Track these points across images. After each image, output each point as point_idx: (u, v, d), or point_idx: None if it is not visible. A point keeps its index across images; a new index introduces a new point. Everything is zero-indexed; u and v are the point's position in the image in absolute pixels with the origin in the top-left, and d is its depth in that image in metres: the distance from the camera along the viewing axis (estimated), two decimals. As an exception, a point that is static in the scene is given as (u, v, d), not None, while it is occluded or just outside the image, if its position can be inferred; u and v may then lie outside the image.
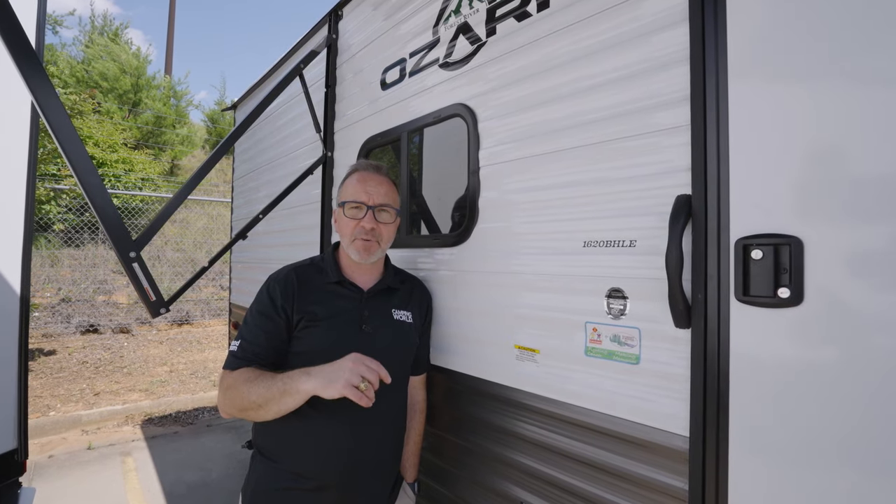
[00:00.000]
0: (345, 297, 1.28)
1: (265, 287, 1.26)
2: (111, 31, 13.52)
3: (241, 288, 3.41)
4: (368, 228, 1.27)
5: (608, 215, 1.06)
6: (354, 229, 1.28)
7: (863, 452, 0.70)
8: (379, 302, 1.33)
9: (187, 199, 3.48)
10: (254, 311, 1.23)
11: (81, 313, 6.72)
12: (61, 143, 1.45)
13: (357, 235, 1.27)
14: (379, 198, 1.30)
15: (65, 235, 7.82)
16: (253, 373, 1.11)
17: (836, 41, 0.74)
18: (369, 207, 1.28)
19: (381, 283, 1.35)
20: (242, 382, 1.08)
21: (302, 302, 1.21)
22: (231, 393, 1.10)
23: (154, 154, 11.65)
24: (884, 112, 0.70)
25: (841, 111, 0.73)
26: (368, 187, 1.29)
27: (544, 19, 1.22)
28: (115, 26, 13.68)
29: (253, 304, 1.25)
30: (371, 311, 1.29)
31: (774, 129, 0.80)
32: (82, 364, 5.62)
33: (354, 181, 1.31)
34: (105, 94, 11.76)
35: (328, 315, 1.23)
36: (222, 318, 7.79)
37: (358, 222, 1.28)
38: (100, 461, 3.55)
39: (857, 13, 0.72)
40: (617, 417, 1.03)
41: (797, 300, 0.76)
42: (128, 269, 1.60)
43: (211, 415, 4.62)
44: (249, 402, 1.06)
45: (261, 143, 3.06)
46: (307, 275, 1.28)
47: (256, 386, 1.06)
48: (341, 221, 1.31)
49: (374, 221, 1.28)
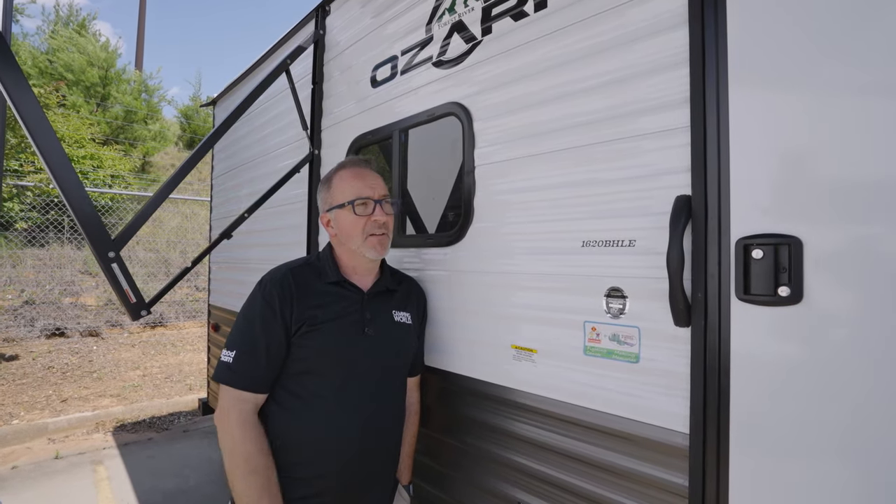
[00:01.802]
0: (346, 299, 1.24)
1: (260, 290, 1.19)
2: (77, 22, 12.95)
3: (221, 289, 3.31)
4: (382, 222, 1.25)
5: (607, 215, 1.07)
6: (366, 226, 1.24)
7: (861, 448, 0.72)
8: (379, 303, 1.30)
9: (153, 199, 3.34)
10: (248, 317, 1.17)
11: (47, 316, 6.41)
12: (34, 137, 1.37)
13: (371, 231, 1.24)
14: (381, 190, 1.28)
15: (28, 234, 7.44)
16: (255, 457, 1.07)
17: (834, 44, 0.76)
18: (376, 201, 1.25)
19: (380, 284, 1.32)
20: (242, 460, 1.06)
21: (301, 305, 1.16)
22: (229, 440, 1.08)
23: (124, 150, 11.21)
24: (882, 116, 0.72)
25: (838, 114, 0.76)
26: (368, 181, 1.27)
27: (542, 19, 1.22)
28: (82, 17, 13.12)
29: (246, 309, 1.19)
30: (373, 314, 1.26)
31: (773, 132, 0.82)
32: (48, 369, 5.36)
33: (350, 178, 1.27)
34: (70, 86, 11.25)
35: (330, 318, 1.19)
36: (198, 319, 7.56)
37: (368, 218, 1.24)
38: (69, 471, 3.39)
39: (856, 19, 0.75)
40: (616, 415, 1.04)
41: (797, 298, 0.78)
42: (106, 270, 1.52)
43: (187, 419, 4.47)
44: (230, 475, 1.06)
45: (242, 140, 2.97)
46: (304, 276, 1.23)
47: (246, 483, 1.05)
48: (347, 222, 1.25)
49: (384, 214, 1.26)
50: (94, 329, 6.54)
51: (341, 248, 1.30)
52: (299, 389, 1.17)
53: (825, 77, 0.77)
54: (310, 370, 1.17)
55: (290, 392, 1.17)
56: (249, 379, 1.12)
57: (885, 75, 0.71)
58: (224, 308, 3.17)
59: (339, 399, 1.18)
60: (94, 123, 10.63)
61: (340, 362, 1.19)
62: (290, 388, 1.17)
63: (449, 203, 1.59)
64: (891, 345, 0.70)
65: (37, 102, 1.39)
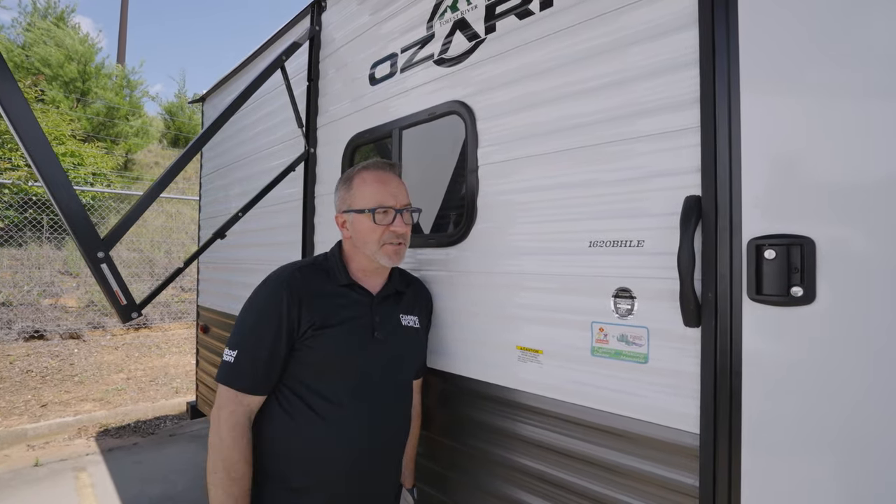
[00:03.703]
0: (355, 302, 1.21)
1: (265, 289, 1.16)
2: (55, 14, 12.58)
3: (210, 290, 3.24)
4: (401, 233, 1.21)
5: (615, 215, 1.07)
6: (383, 235, 1.20)
7: (875, 449, 0.73)
8: (388, 307, 1.27)
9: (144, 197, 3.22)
10: (252, 316, 1.14)
11: (24, 318, 6.21)
12: (20, 133, 1.32)
13: (387, 241, 1.20)
14: (403, 198, 1.23)
15: (4, 234, 7.20)
16: (238, 465, 1.05)
17: (842, 46, 0.77)
18: (397, 211, 1.21)
19: (389, 287, 1.29)
20: (223, 465, 1.04)
21: (310, 308, 1.13)
22: (217, 441, 1.06)
23: (106, 147, 10.92)
24: (890, 118, 0.73)
25: (848, 116, 0.76)
26: (392, 188, 1.22)
27: (547, 18, 1.22)
28: (60, 10, 12.74)
29: (250, 308, 1.15)
30: (382, 317, 1.23)
31: (784, 132, 0.82)
32: (26, 373, 5.19)
33: (373, 182, 1.22)
34: (49, 81, 10.92)
35: (339, 321, 1.15)
36: (184, 321, 7.40)
37: (387, 227, 1.20)
38: (50, 478, 3.28)
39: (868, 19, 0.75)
40: (624, 416, 1.04)
41: (810, 299, 0.78)
42: (95, 271, 1.48)
43: (174, 423, 4.37)
44: (209, 475, 1.05)
45: (233, 137, 2.91)
46: (312, 277, 1.19)
47: (223, 489, 1.04)
48: (364, 228, 1.21)
49: (403, 225, 1.22)
50: (76, 331, 6.35)
51: (354, 250, 1.26)
52: (304, 392, 1.14)
53: (835, 78, 0.78)
54: (316, 373, 1.14)
55: (295, 395, 1.14)
56: (249, 380, 1.09)
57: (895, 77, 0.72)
58: (213, 309, 3.10)
59: (345, 403, 1.15)
60: (74, 119, 10.32)
61: (348, 366, 1.16)
62: (294, 390, 1.14)
63: (444, 203, 1.57)
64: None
65: (21, 95, 1.34)
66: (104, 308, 6.81)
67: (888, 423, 0.72)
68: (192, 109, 13.97)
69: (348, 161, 1.90)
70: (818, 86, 0.79)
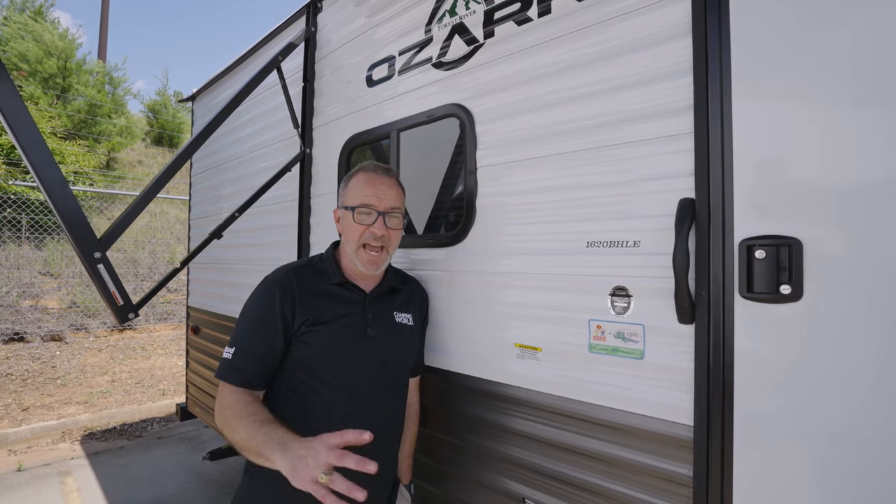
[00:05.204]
0: (347, 300, 1.24)
1: (261, 289, 1.20)
2: (33, 8, 12.24)
3: (201, 290, 3.20)
4: (380, 235, 1.22)
5: (612, 217, 1.11)
6: (362, 234, 1.22)
7: (859, 440, 0.78)
8: (382, 304, 1.30)
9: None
10: (249, 315, 1.18)
11: (3, 320, 6.04)
12: (15, 131, 1.31)
13: (366, 240, 1.22)
14: (389, 201, 1.25)
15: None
16: (245, 406, 1.06)
17: (834, 53, 0.82)
18: (380, 213, 1.23)
19: (383, 286, 1.32)
20: (233, 417, 1.05)
21: (303, 305, 1.17)
22: (225, 416, 1.07)
23: (88, 145, 10.67)
24: (879, 124, 0.77)
25: (836, 122, 0.81)
26: (378, 190, 1.24)
27: (547, 24, 1.25)
28: (39, 4, 12.40)
29: (247, 307, 1.19)
30: (375, 315, 1.26)
31: (774, 138, 0.87)
32: (6, 376, 5.05)
33: (362, 183, 1.25)
34: (26, 77, 10.63)
35: (331, 319, 1.19)
36: (170, 322, 7.28)
37: (367, 228, 1.22)
38: (33, 483, 3.21)
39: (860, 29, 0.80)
40: (621, 410, 1.08)
41: (797, 296, 0.83)
42: (91, 272, 1.46)
43: (161, 426, 4.31)
44: (233, 440, 1.04)
45: (225, 137, 2.89)
46: (306, 277, 1.23)
47: (241, 428, 1.02)
48: (347, 225, 1.25)
49: (384, 228, 1.23)
50: (58, 333, 6.20)
51: (344, 248, 1.30)
52: (300, 388, 1.17)
53: (822, 86, 0.82)
54: (310, 370, 1.17)
55: (290, 389, 1.18)
56: (248, 375, 1.13)
57: (884, 85, 0.77)
58: (205, 310, 3.07)
59: (339, 399, 1.17)
60: (53, 116, 10.07)
61: (341, 362, 1.19)
62: (289, 385, 1.18)
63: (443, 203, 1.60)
64: (889, 341, 0.75)
65: (18, 95, 1.33)
66: (87, 309, 6.66)
67: (873, 415, 0.77)
68: (176, 108, 13.73)
69: (345, 162, 1.91)
70: (806, 93, 0.84)
